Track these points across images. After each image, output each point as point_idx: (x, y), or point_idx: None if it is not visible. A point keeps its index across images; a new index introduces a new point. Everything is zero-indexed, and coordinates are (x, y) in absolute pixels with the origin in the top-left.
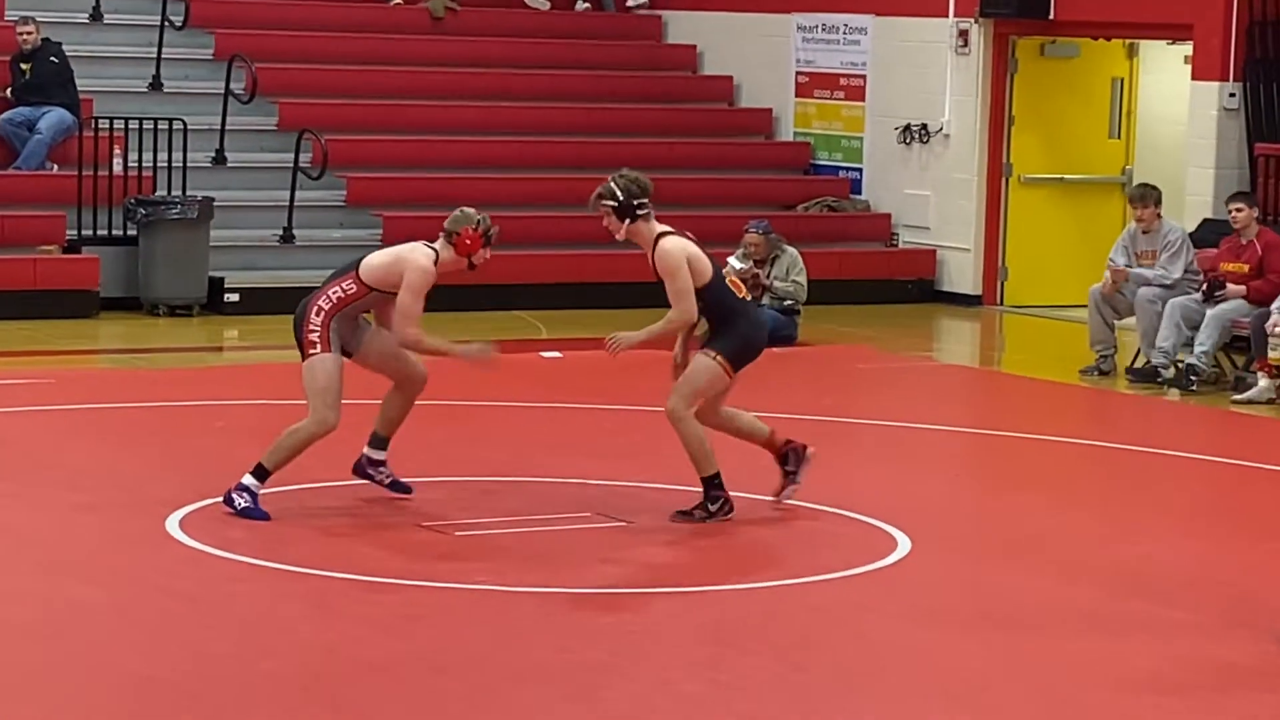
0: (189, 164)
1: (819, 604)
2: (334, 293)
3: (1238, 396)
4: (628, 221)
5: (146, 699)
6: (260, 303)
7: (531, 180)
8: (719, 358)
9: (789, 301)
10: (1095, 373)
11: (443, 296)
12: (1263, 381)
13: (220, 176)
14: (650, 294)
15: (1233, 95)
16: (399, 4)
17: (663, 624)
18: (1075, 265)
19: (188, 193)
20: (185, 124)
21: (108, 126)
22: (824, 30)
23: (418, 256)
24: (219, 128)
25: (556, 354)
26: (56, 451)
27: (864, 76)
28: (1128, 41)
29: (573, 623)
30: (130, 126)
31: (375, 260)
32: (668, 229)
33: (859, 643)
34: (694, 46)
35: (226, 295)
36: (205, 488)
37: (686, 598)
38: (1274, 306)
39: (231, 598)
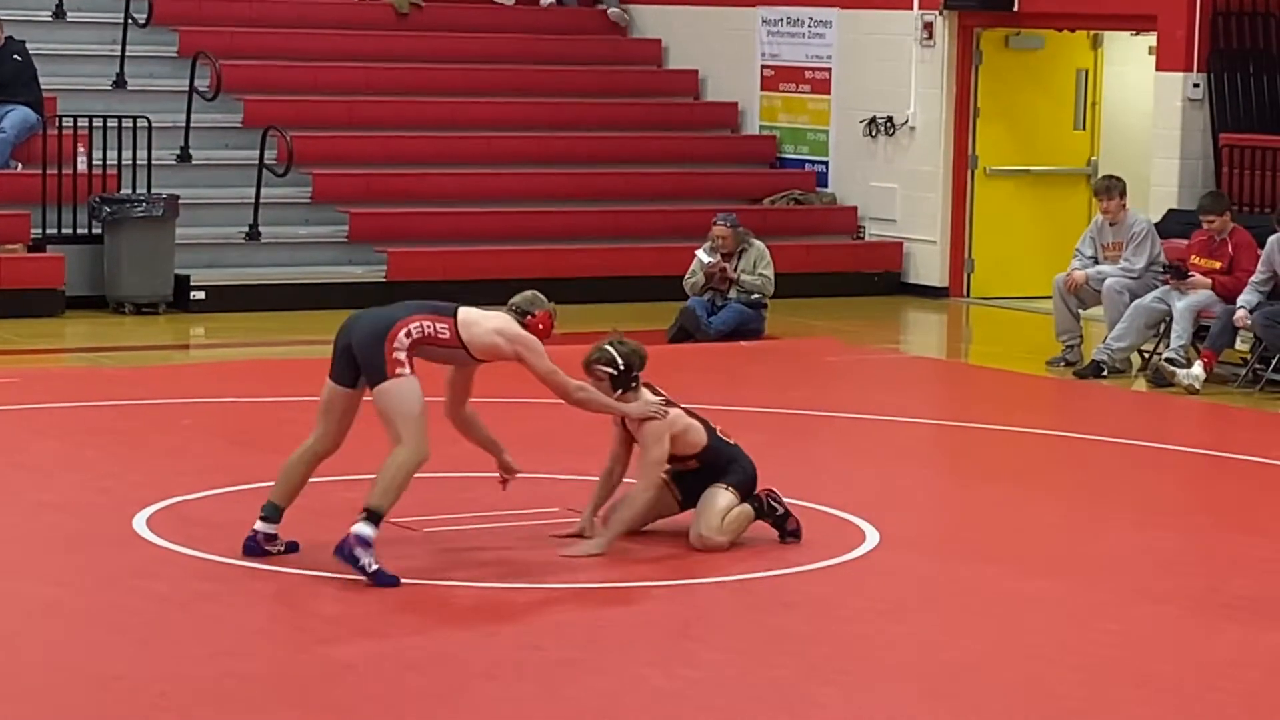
0: (154, 162)
1: (788, 598)
2: (427, 326)
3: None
4: (620, 391)
5: (114, 699)
6: (226, 300)
7: (497, 175)
8: (729, 489)
9: (756, 295)
10: (1062, 363)
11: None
12: (1197, 368)
13: (185, 174)
14: (615, 289)
15: (1197, 86)
16: (363, 0)
17: (632, 619)
18: (1041, 257)
19: (153, 190)
20: (150, 121)
21: (72, 125)
22: (789, 24)
23: (518, 330)
24: (184, 125)
25: None
26: (22, 451)
27: (829, 69)
28: (1092, 33)
29: (543, 619)
30: (95, 124)
31: (473, 319)
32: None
33: (829, 636)
34: (659, 41)
35: (192, 293)
36: (172, 486)
37: (656, 592)
38: (1240, 300)
39: (200, 596)
